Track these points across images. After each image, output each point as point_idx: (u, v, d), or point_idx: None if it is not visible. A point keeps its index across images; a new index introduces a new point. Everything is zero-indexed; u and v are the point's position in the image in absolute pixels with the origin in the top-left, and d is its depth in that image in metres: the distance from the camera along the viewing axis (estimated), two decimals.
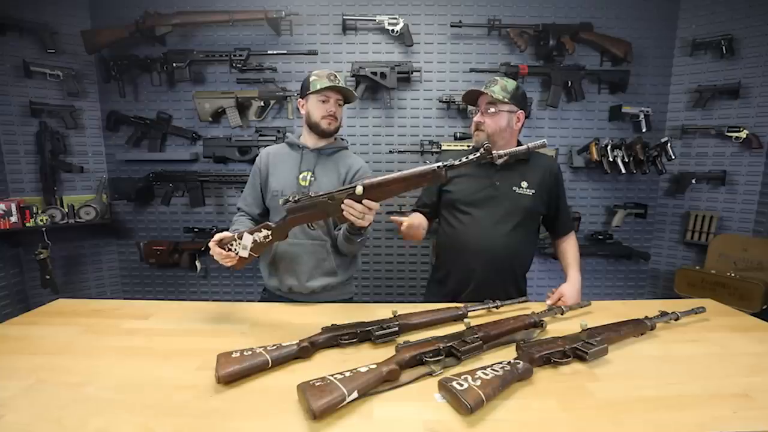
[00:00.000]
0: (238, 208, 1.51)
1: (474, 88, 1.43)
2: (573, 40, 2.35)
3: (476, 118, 1.41)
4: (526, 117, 2.47)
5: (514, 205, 1.40)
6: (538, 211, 1.45)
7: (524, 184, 1.42)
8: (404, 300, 2.66)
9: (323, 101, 1.38)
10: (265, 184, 1.46)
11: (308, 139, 1.46)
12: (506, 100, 1.36)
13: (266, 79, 2.41)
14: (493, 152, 0.99)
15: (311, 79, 1.38)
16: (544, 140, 1.04)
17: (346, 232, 1.28)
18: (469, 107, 1.50)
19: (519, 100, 1.40)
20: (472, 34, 2.43)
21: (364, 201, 1.05)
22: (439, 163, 1.00)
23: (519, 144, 1.49)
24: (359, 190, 1.03)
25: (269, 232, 1.13)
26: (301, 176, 1.42)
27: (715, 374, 0.90)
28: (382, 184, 1.04)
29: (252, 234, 1.13)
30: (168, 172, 2.47)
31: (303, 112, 1.44)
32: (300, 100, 1.45)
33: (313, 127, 1.42)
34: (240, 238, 1.13)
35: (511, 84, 1.39)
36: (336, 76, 1.37)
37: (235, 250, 1.14)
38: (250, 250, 1.13)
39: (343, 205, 1.06)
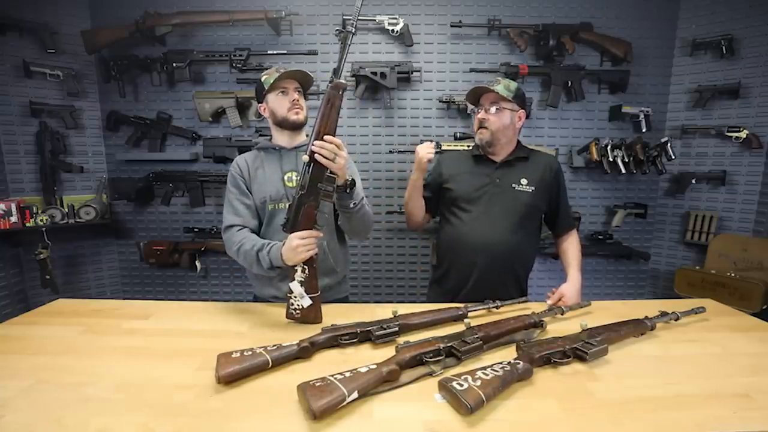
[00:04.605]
0: (229, 226, 1.34)
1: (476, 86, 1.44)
2: (573, 40, 2.34)
3: (480, 115, 1.43)
4: (527, 117, 2.50)
5: (514, 202, 1.41)
6: (538, 207, 1.46)
7: (524, 181, 1.43)
8: (404, 300, 2.65)
9: (282, 93, 1.34)
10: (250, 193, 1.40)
11: (282, 140, 1.41)
12: (510, 98, 1.39)
13: None
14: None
15: (263, 79, 1.35)
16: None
17: (339, 202, 1.25)
18: (470, 106, 1.50)
19: (520, 99, 1.43)
20: (472, 34, 2.43)
21: (324, 138, 1.10)
22: None
23: (519, 143, 1.50)
24: (305, 158, 1.10)
25: (303, 266, 1.15)
26: (285, 177, 1.37)
27: (714, 374, 0.90)
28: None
29: (296, 281, 1.15)
30: (168, 172, 2.47)
31: (267, 114, 1.40)
32: (260, 105, 1.41)
33: (282, 123, 1.37)
34: (291, 292, 1.15)
35: (513, 84, 1.43)
36: (285, 69, 1.34)
37: (297, 305, 1.15)
38: (308, 293, 1.15)
39: (315, 156, 1.10)
